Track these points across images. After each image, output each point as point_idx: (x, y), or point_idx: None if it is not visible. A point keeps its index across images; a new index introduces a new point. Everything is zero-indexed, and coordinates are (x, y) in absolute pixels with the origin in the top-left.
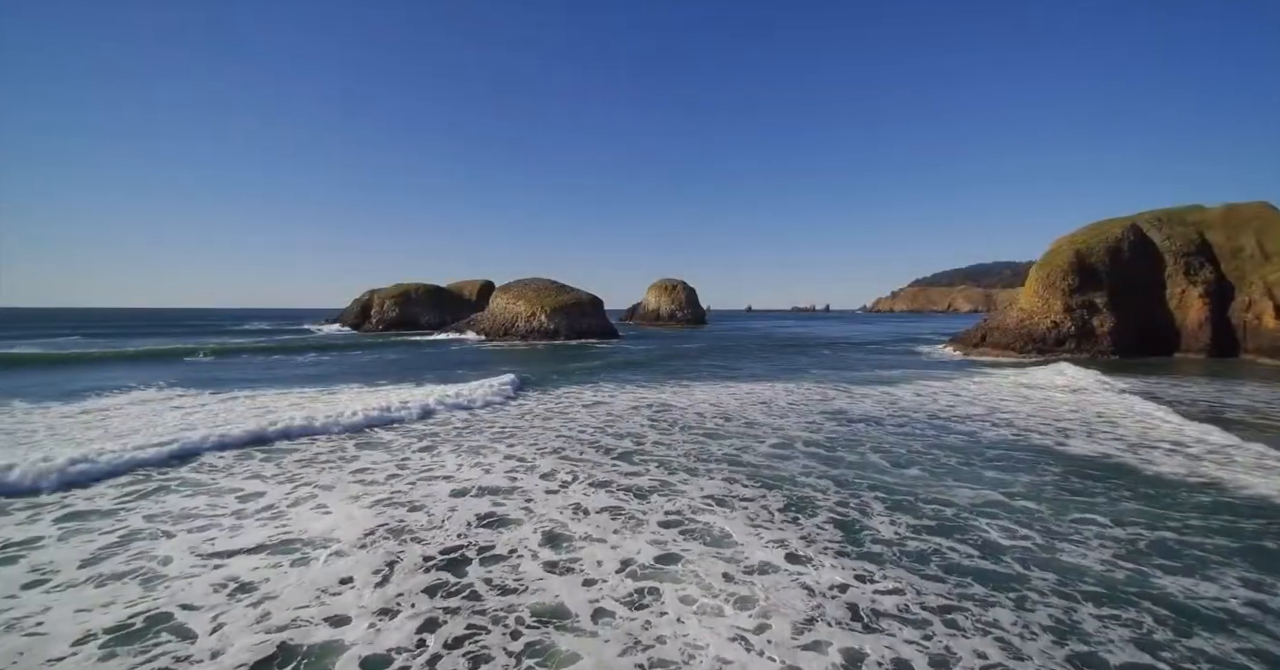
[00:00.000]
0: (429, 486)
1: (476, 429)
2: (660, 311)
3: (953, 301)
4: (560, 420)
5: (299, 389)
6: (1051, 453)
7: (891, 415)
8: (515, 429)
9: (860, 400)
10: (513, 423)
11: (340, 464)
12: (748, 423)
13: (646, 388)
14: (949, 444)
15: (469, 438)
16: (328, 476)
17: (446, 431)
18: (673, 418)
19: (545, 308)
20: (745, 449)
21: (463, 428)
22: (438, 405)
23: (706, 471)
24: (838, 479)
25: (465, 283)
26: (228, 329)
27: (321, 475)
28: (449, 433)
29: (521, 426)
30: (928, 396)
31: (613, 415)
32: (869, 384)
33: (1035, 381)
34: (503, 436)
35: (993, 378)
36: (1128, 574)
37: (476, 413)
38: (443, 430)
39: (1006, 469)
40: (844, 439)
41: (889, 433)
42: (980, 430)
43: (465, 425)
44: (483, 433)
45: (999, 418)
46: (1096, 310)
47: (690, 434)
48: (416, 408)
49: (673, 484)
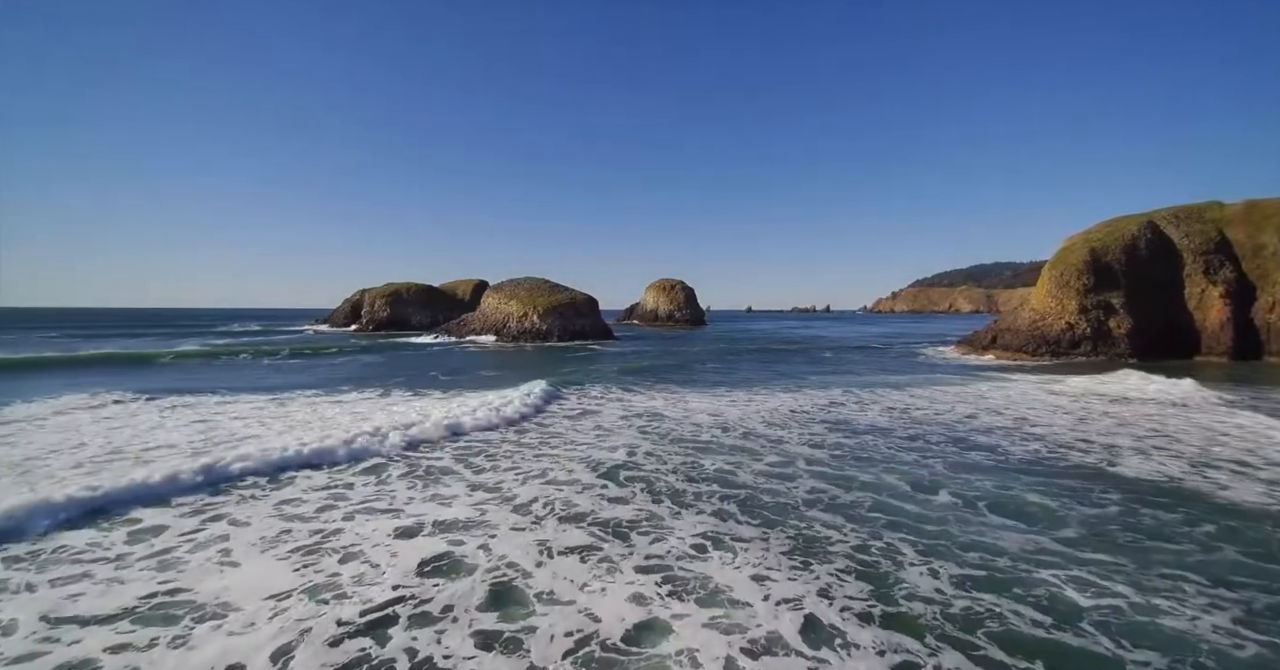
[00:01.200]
0: (368, 523)
1: (438, 446)
2: (658, 312)
3: (954, 302)
4: (538, 434)
5: (251, 397)
6: (1104, 476)
7: (904, 427)
8: (482, 447)
9: (867, 409)
10: (480, 438)
11: (262, 497)
12: (745, 434)
13: (639, 395)
14: (976, 463)
15: (427, 457)
16: (245, 510)
17: (396, 455)
18: (665, 429)
19: (538, 308)
20: (742, 466)
21: (415, 452)
22: (390, 431)
23: (698, 498)
24: (851, 509)
25: (459, 282)
26: (214, 329)
27: (239, 509)
28: (397, 457)
29: (491, 440)
30: (943, 405)
31: (601, 428)
32: (875, 390)
33: (1071, 389)
34: (468, 455)
35: (1014, 383)
36: (1260, 652)
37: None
38: (393, 451)
39: (1054, 495)
40: (853, 456)
41: (903, 448)
42: (1009, 445)
43: (414, 449)
44: (445, 450)
45: (1029, 431)
46: (1113, 311)
47: (683, 449)
48: (366, 439)
49: (660, 517)
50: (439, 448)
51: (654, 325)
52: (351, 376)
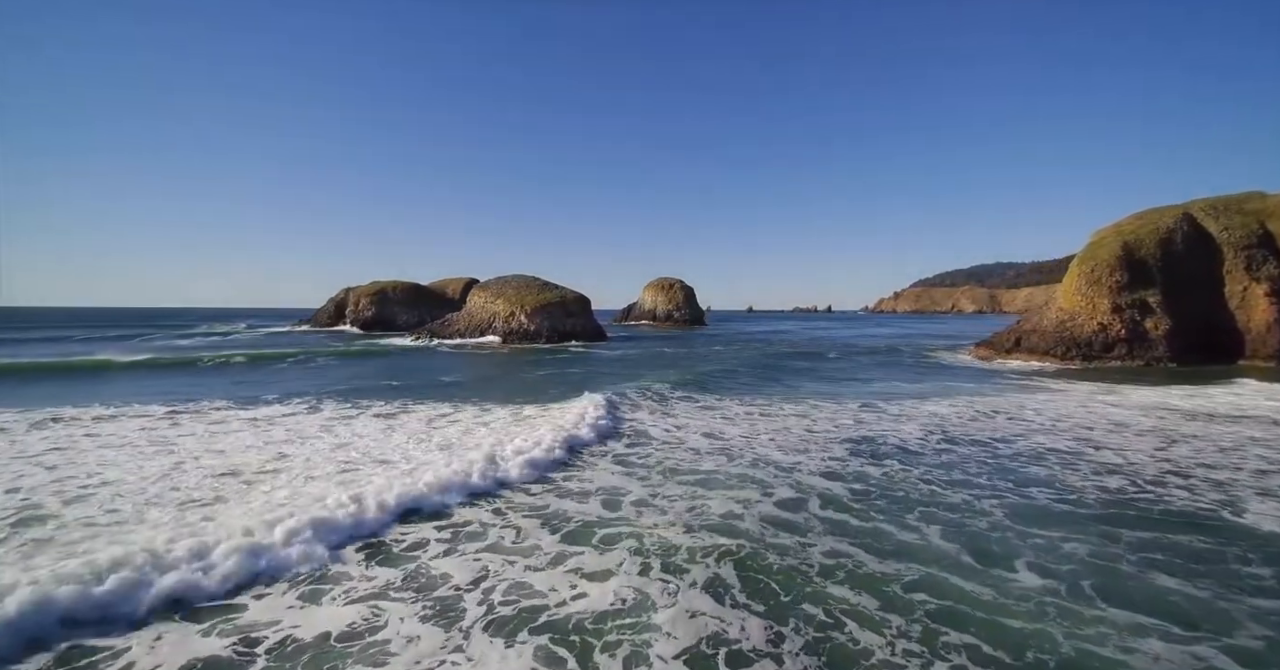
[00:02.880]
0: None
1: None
2: (657, 312)
3: (957, 302)
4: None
5: (145, 408)
6: (1231, 531)
7: (938, 450)
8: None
9: (891, 425)
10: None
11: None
12: (755, 461)
13: (620, 408)
14: (1046, 509)
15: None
16: None
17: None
18: (655, 459)
19: (526, 307)
20: (749, 507)
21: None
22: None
23: (691, 560)
24: (888, 585)
25: (448, 280)
26: (190, 330)
27: None
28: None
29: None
30: (980, 421)
31: (572, 464)
32: (897, 401)
33: (1135, 401)
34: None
35: (1057, 393)
36: None
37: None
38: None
39: (1185, 569)
40: (882, 492)
41: (943, 482)
42: (1079, 480)
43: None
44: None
45: (1098, 458)
46: (1149, 311)
47: (682, 485)
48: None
49: (647, 601)
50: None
51: (652, 325)
52: (278, 389)
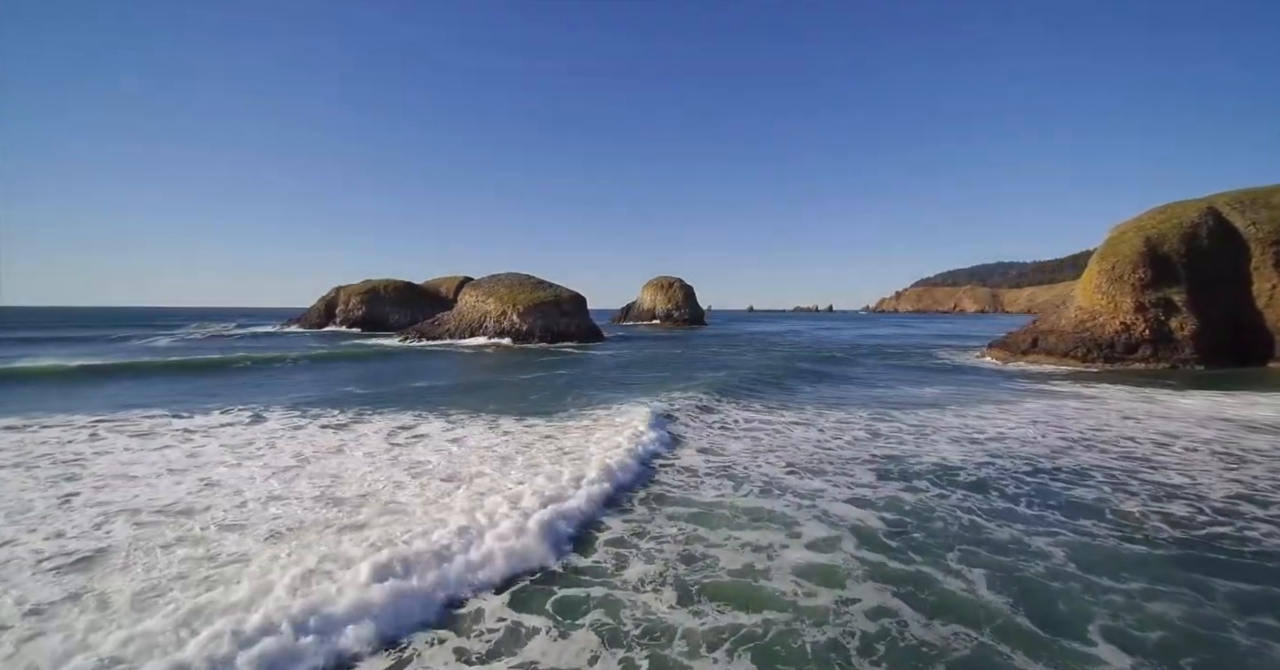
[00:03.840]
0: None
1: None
2: (656, 311)
3: (959, 302)
4: (437, 490)
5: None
6: None
7: (974, 469)
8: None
9: (916, 439)
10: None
11: None
12: (765, 486)
13: (593, 427)
14: (1114, 551)
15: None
16: None
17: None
18: (649, 489)
19: (518, 306)
20: (771, 555)
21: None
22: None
23: (692, 654)
24: (939, 662)
25: (442, 279)
26: (169, 331)
27: None
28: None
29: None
30: (1013, 433)
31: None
32: (915, 410)
33: (1186, 410)
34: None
35: (1090, 400)
36: None
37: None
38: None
39: None
40: (919, 525)
41: (986, 512)
42: (1140, 507)
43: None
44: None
45: (1157, 479)
46: (1174, 310)
47: (676, 523)
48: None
49: None
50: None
51: (651, 325)
52: (236, 393)
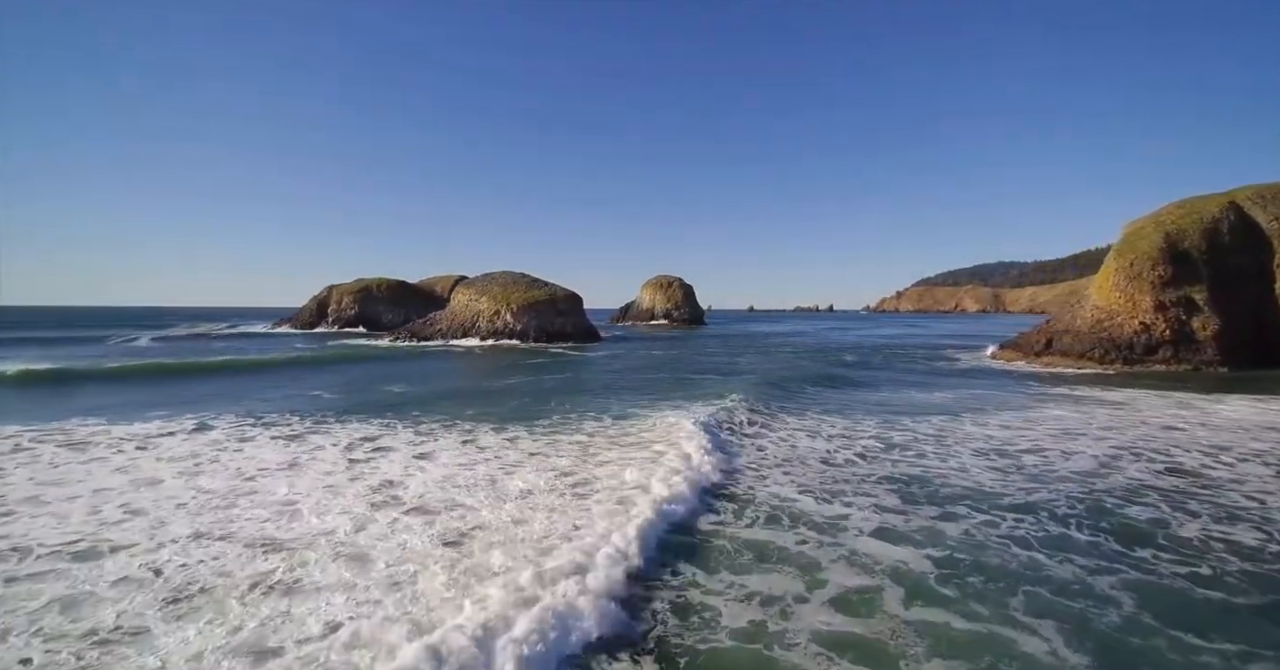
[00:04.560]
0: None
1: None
2: (655, 311)
3: (960, 301)
4: (407, 532)
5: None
6: None
7: (1015, 491)
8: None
9: (940, 454)
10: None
11: None
12: (773, 512)
13: (594, 435)
14: (1178, 586)
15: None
16: None
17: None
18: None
19: (511, 305)
20: (789, 616)
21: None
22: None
23: None
24: None
25: (437, 278)
26: (155, 332)
27: None
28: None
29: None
30: (1048, 443)
31: (530, 512)
32: (934, 418)
33: (1230, 416)
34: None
35: (1119, 407)
36: None
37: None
38: None
39: None
40: (970, 559)
41: (1037, 540)
42: (1198, 529)
43: None
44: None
45: (1220, 500)
46: (1196, 309)
47: (675, 562)
48: None
49: None
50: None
51: (650, 325)
52: (197, 397)
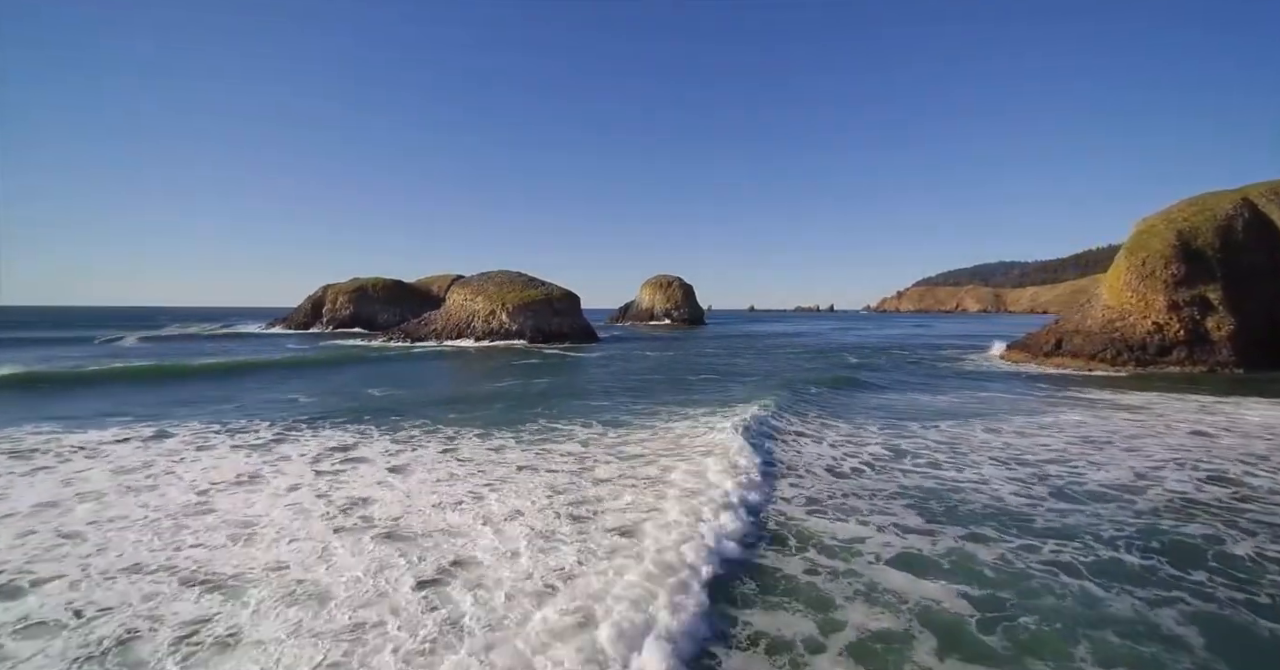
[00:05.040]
0: None
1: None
2: (654, 311)
3: (961, 301)
4: (375, 567)
5: None
6: None
7: (1048, 510)
8: None
9: (955, 463)
10: None
11: None
12: (777, 530)
13: (586, 441)
14: (1243, 623)
15: None
16: None
17: None
18: (642, 549)
19: (507, 305)
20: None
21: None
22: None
23: None
24: None
25: (434, 278)
26: (142, 329)
27: None
28: None
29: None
30: (1073, 453)
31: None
32: (940, 421)
33: (1263, 423)
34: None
35: (1140, 411)
36: None
37: None
38: None
39: None
40: (1015, 599)
41: (1085, 567)
42: (1249, 549)
43: None
44: None
45: (1273, 520)
46: (1210, 309)
47: (684, 603)
48: None
49: None
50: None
51: (649, 326)
52: (159, 402)
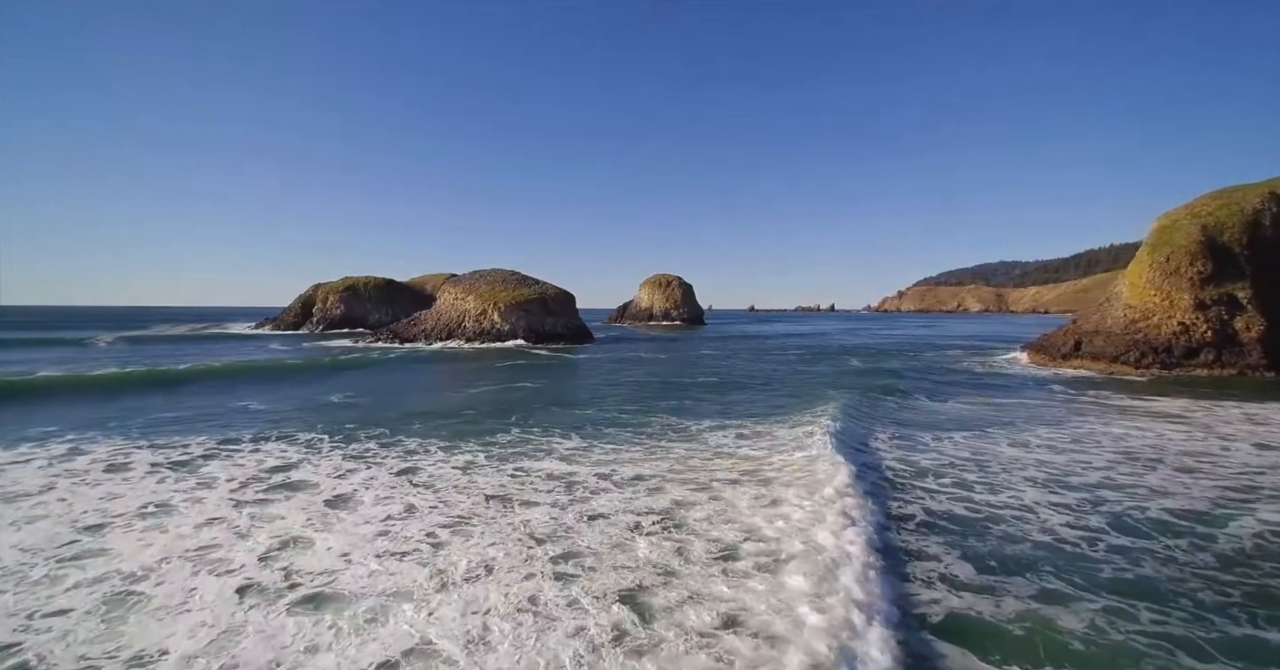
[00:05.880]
0: None
1: None
2: (653, 310)
3: (962, 301)
4: (289, 663)
5: None
6: None
7: (1115, 551)
8: None
9: (991, 483)
10: None
11: None
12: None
13: (570, 474)
14: None
15: None
16: None
17: None
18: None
19: (499, 304)
20: None
21: None
22: None
23: None
24: None
25: (428, 277)
26: (126, 330)
27: None
28: None
29: None
30: (1116, 471)
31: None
32: (956, 432)
33: None
34: None
35: (1180, 421)
36: None
37: None
38: None
39: None
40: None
41: (1182, 643)
42: None
43: None
44: None
45: None
46: (1239, 308)
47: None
48: None
49: None
50: None
51: (648, 326)
52: (86, 410)
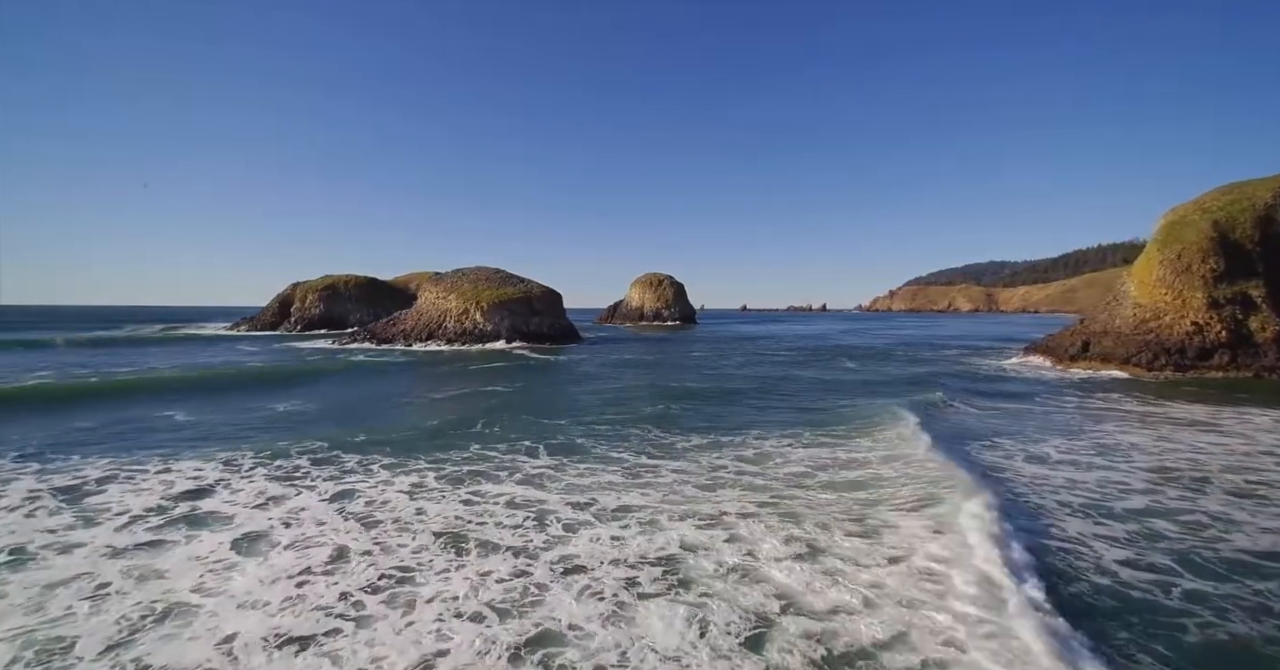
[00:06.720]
0: None
1: None
2: (644, 310)
3: (953, 301)
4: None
5: None
6: None
7: (1194, 598)
8: None
9: (1023, 509)
10: None
11: None
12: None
13: (539, 502)
14: None
15: None
16: None
17: None
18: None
19: (482, 303)
20: None
21: None
22: None
23: None
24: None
25: (412, 275)
26: (101, 330)
27: None
28: None
29: None
30: (1174, 498)
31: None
32: (982, 445)
33: None
34: None
35: (1209, 428)
36: None
37: None
38: None
39: None
40: None
41: None
42: None
43: None
44: None
45: None
46: (1253, 307)
47: None
48: None
49: None
50: None
51: (639, 325)
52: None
